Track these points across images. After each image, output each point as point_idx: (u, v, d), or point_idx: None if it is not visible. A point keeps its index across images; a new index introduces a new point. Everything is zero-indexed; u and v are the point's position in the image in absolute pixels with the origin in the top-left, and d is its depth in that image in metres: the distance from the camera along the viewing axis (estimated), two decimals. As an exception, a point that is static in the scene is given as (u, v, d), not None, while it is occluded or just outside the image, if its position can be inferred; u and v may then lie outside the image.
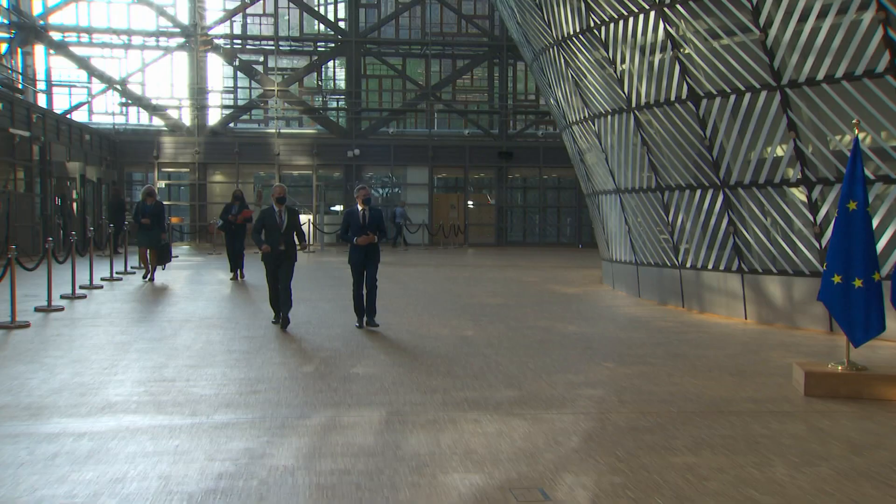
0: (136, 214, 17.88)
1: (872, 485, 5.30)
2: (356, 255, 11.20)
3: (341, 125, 37.33)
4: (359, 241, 11.05)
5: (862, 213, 7.98)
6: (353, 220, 11.15)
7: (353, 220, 11.16)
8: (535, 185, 38.43)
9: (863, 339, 8.03)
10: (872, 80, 10.57)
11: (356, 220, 11.13)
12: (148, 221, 17.49)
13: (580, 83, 16.28)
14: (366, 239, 11.06)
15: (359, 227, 11.12)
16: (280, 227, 11.10)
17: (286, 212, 11.19)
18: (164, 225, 18.11)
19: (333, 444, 6.11)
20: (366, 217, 11.14)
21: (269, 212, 11.16)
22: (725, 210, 13.09)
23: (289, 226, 11.19)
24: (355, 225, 11.14)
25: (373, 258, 11.28)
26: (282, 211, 11.17)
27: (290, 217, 11.21)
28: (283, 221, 11.13)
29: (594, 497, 5.02)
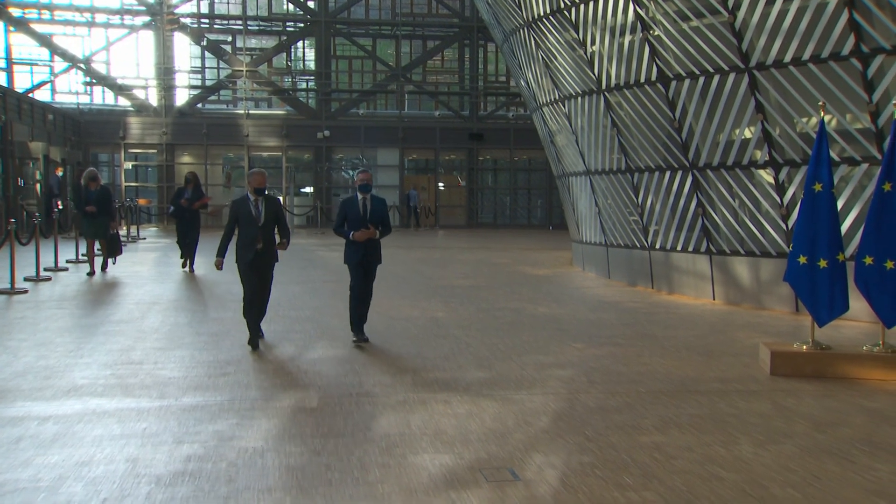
0: (78, 201, 15.83)
1: (834, 461, 5.39)
2: (354, 254, 9.00)
3: (311, 106, 37.03)
4: (356, 236, 8.87)
5: (827, 195, 8.07)
6: (352, 210, 8.99)
7: (350, 211, 9.00)
8: (506, 166, 38.44)
9: (827, 318, 8.15)
10: (838, 62, 10.67)
11: (355, 211, 8.97)
12: (94, 209, 15.19)
13: (550, 64, 16.28)
14: (365, 233, 8.87)
15: (358, 220, 8.93)
16: (257, 220, 8.75)
17: (264, 201, 8.84)
18: (112, 212, 15.80)
19: (303, 425, 6.09)
20: (367, 207, 8.96)
21: (242, 202, 8.82)
22: (694, 192, 13.19)
23: (268, 219, 8.83)
24: (354, 216, 8.96)
25: (373, 258, 9.10)
26: (258, 201, 8.80)
27: (270, 208, 8.86)
28: (261, 213, 8.76)
29: (563, 476, 5.05)
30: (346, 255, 9.15)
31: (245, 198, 8.88)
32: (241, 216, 8.80)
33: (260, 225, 8.76)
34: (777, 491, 4.83)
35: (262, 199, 8.82)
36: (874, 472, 5.16)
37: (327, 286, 14.19)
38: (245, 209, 8.80)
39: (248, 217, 8.76)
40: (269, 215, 8.83)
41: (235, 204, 8.88)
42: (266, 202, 8.85)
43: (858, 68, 10.50)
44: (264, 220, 8.80)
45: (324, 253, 21.39)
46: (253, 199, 8.81)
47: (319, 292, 13.41)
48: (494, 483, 4.92)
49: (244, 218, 8.78)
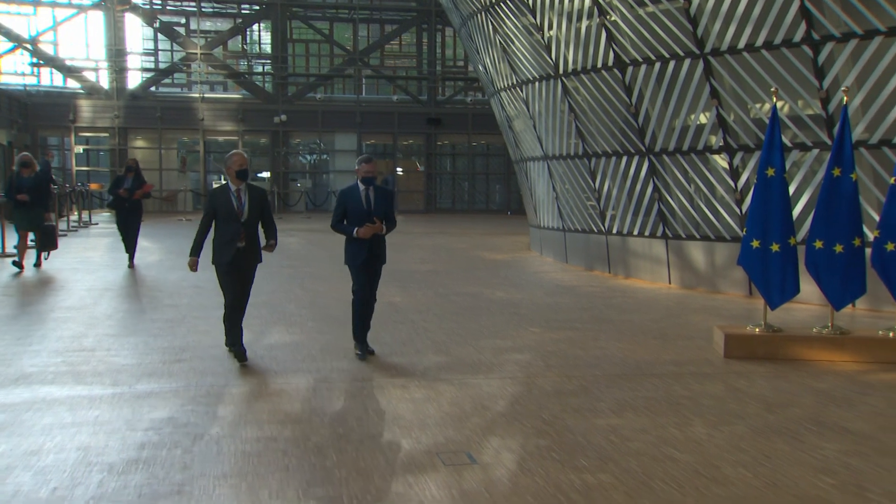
0: (8, 189, 14.07)
1: (784, 440, 5.49)
2: (358, 253, 7.73)
3: (267, 90, 36.62)
4: (360, 233, 7.58)
5: (779, 180, 8.20)
6: (353, 202, 7.72)
7: (352, 204, 7.72)
8: (464, 151, 38.44)
9: (779, 301, 8.30)
10: (790, 49, 10.82)
11: (357, 204, 7.70)
12: (26, 198, 13.45)
13: (508, 49, 16.27)
14: (371, 229, 7.59)
15: (361, 214, 7.68)
16: (239, 214, 7.33)
17: (247, 191, 7.44)
18: (47, 203, 14.29)
19: (259, 411, 6.05)
20: (370, 199, 7.74)
21: (221, 193, 7.40)
22: (650, 177, 13.31)
23: (252, 214, 7.43)
24: (356, 210, 7.69)
25: (379, 257, 7.88)
26: (241, 191, 7.41)
27: (255, 200, 7.45)
28: (244, 206, 7.37)
29: (520, 460, 5.08)
30: (347, 256, 7.79)
31: (225, 187, 7.40)
32: (219, 209, 7.33)
33: (243, 220, 7.35)
34: (729, 471, 4.91)
35: (245, 188, 7.44)
36: (821, 451, 5.27)
37: (284, 271, 14.09)
38: (224, 201, 7.33)
39: (228, 210, 7.31)
40: (254, 209, 7.42)
41: (213, 194, 7.45)
42: (250, 193, 7.44)
43: (809, 55, 10.66)
44: (248, 215, 7.38)
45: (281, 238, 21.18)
46: (234, 188, 7.37)
47: (276, 277, 13.31)
48: (452, 467, 4.93)
49: (223, 211, 7.32)
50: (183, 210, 34.10)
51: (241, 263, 7.44)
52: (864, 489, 4.62)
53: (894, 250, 8.05)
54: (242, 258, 7.42)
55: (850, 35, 10.33)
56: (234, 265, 7.39)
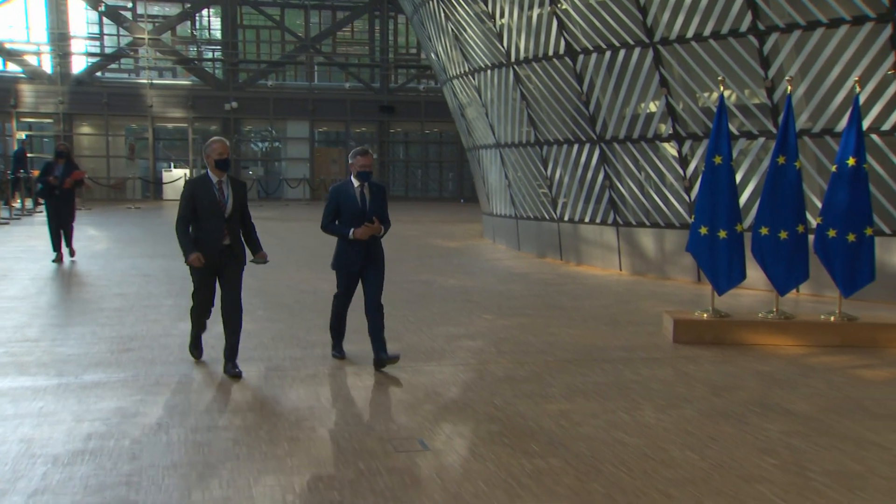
0: None
1: (729, 423, 5.61)
2: (351, 256, 6.97)
3: (218, 77, 36.12)
4: (357, 235, 6.85)
5: (726, 168, 8.34)
6: (347, 201, 6.94)
7: (346, 202, 6.95)
8: (417, 139, 38.40)
9: (726, 287, 8.45)
10: (737, 39, 11.00)
11: (351, 202, 6.93)
12: None
13: (460, 37, 16.27)
14: (368, 230, 6.85)
15: (356, 213, 6.91)
16: (222, 208, 6.60)
17: (229, 184, 6.67)
18: None
19: (210, 400, 6.00)
20: (365, 197, 6.97)
21: (202, 184, 6.62)
22: (601, 164, 13.43)
23: (236, 207, 6.70)
24: (350, 209, 6.92)
25: (376, 261, 7.07)
26: (222, 183, 6.63)
27: (237, 192, 6.73)
28: (227, 200, 6.63)
29: (472, 445, 5.11)
30: (338, 260, 7.05)
31: (205, 178, 6.62)
32: (200, 203, 6.55)
33: (227, 216, 6.61)
34: (676, 453, 4.99)
35: (227, 180, 6.64)
36: (764, 432, 5.40)
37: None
38: (206, 193, 6.55)
39: (210, 204, 6.55)
40: (237, 203, 6.69)
41: (193, 186, 6.63)
42: (233, 186, 6.69)
43: (755, 45, 10.84)
44: (232, 210, 6.64)
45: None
46: (216, 179, 6.58)
47: (227, 266, 13.15)
48: (404, 453, 4.94)
49: (205, 205, 6.54)
50: (131, 198, 33.52)
51: (224, 264, 6.68)
52: (805, 468, 4.74)
53: (836, 237, 8.24)
54: (229, 257, 6.67)
55: (794, 26, 10.53)
56: (215, 266, 6.67)
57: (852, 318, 8.24)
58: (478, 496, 4.29)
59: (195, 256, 6.55)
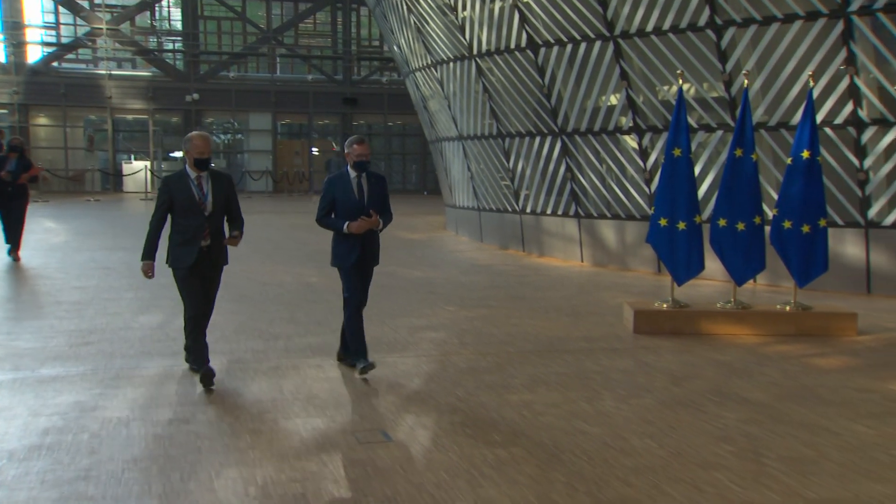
0: None
1: (688, 412, 5.70)
2: (349, 252, 6.52)
3: (179, 68, 35.70)
4: (353, 228, 6.41)
5: (685, 160, 8.45)
6: (344, 192, 6.49)
7: (342, 194, 6.49)
8: (381, 131, 38.30)
9: (685, 278, 8.58)
10: (695, 33, 11.14)
11: (347, 194, 6.48)
12: None
13: (422, 29, 16.26)
14: (366, 223, 6.43)
15: (353, 205, 6.47)
16: (202, 206, 6.13)
17: (209, 179, 6.22)
18: None
19: (171, 393, 5.96)
20: (363, 188, 6.53)
21: (179, 180, 6.16)
22: (563, 157, 13.53)
23: (217, 205, 6.22)
24: (347, 201, 6.49)
25: (373, 256, 6.70)
26: (202, 178, 6.18)
27: (219, 189, 6.25)
28: (207, 197, 6.16)
29: (434, 436, 5.14)
30: (335, 255, 6.62)
31: (182, 174, 6.16)
32: (178, 200, 6.09)
33: (207, 214, 6.14)
34: (636, 442, 5.07)
35: (207, 175, 6.21)
36: (722, 420, 5.50)
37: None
38: (184, 190, 6.09)
39: (188, 202, 6.08)
40: (219, 200, 6.21)
41: (169, 183, 6.17)
42: (213, 180, 6.22)
43: (713, 39, 10.99)
44: (213, 208, 6.17)
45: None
46: (194, 175, 6.13)
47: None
48: (366, 445, 4.96)
49: (183, 203, 6.08)
50: (91, 190, 33.04)
51: (206, 266, 6.21)
52: (760, 455, 4.84)
53: (791, 228, 8.40)
54: (207, 260, 6.19)
55: (751, 21, 10.69)
56: (198, 268, 6.16)
57: (807, 308, 8.41)
58: (440, 486, 4.32)
59: (145, 267, 6.12)
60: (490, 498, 4.16)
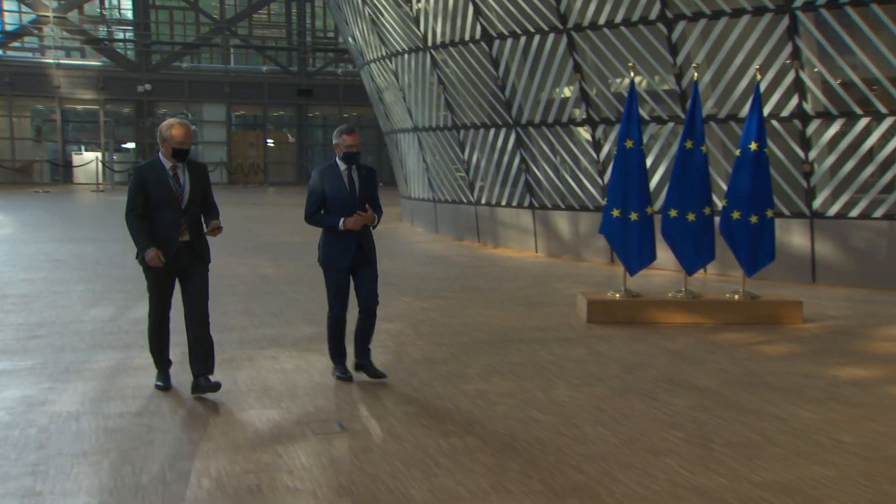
0: None
1: (640, 399, 5.80)
2: (344, 252, 6.03)
3: (130, 58, 35.11)
4: (347, 225, 5.92)
5: (637, 152, 8.56)
6: (333, 186, 6.00)
7: (333, 188, 6.00)
8: (336, 123, 38.07)
9: (637, 268, 8.70)
10: (647, 26, 11.28)
11: (338, 188, 6.00)
12: None
13: (377, 21, 16.21)
14: (362, 219, 5.95)
15: (345, 200, 5.99)
16: (178, 198, 5.60)
17: (186, 170, 5.68)
18: None
19: (124, 386, 5.89)
20: (354, 181, 6.05)
21: (153, 170, 5.62)
22: (517, 148, 13.61)
23: (194, 197, 5.70)
24: (338, 196, 6.00)
25: (369, 254, 6.15)
26: (178, 169, 5.64)
27: (197, 180, 5.73)
28: (185, 188, 5.63)
29: (389, 426, 5.16)
30: (327, 255, 6.09)
31: (156, 163, 5.62)
32: (152, 192, 5.55)
33: (184, 206, 5.62)
34: (589, 430, 5.13)
35: (182, 165, 5.66)
36: (672, 407, 5.60)
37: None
38: (159, 181, 5.56)
39: (163, 194, 5.55)
40: (196, 192, 5.68)
41: (142, 173, 5.62)
42: (190, 171, 5.69)
43: (664, 32, 11.14)
44: (189, 198, 5.64)
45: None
46: (170, 165, 5.61)
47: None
48: (322, 435, 4.96)
49: (157, 195, 5.55)
50: (39, 181, 32.38)
51: (188, 262, 5.67)
52: (709, 440, 4.94)
53: (740, 219, 8.56)
54: (189, 256, 5.66)
55: (700, 15, 10.87)
56: (174, 267, 5.63)
57: (755, 297, 8.59)
58: (395, 476, 4.34)
59: (154, 254, 5.47)
60: (445, 487, 4.19)
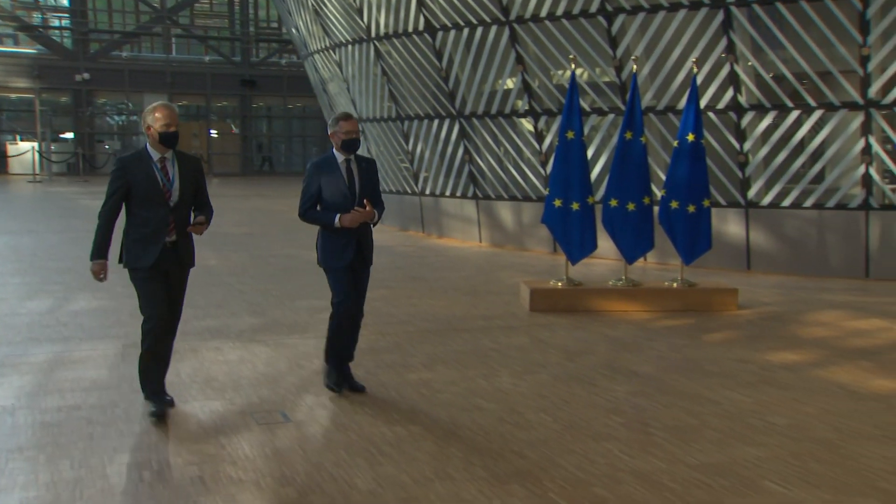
0: None
1: (581, 386, 5.91)
2: (343, 249, 5.57)
3: (67, 46, 34.28)
4: (344, 222, 5.46)
5: (578, 143, 8.69)
6: (330, 180, 5.53)
7: (329, 182, 5.53)
8: (280, 114, 37.79)
9: (579, 257, 8.84)
10: (587, 19, 11.43)
11: (336, 182, 5.52)
12: None
13: (320, 12, 16.10)
14: (359, 216, 5.46)
15: (343, 195, 5.52)
16: (167, 195, 5.04)
17: (176, 161, 5.14)
18: None
19: (61, 380, 5.81)
20: (353, 174, 5.56)
21: (137, 162, 5.06)
22: (461, 139, 13.68)
23: (185, 193, 5.13)
24: (335, 190, 5.52)
25: (367, 253, 5.74)
26: (166, 160, 5.09)
27: (188, 173, 5.17)
28: (174, 183, 5.07)
29: (333, 416, 5.19)
30: (325, 254, 5.64)
31: (142, 155, 5.06)
32: (137, 187, 4.99)
33: (173, 204, 5.06)
34: (531, 416, 5.22)
35: (172, 156, 5.11)
36: (612, 393, 5.73)
37: (89, 235, 13.34)
38: (145, 175, 5.00)
39: (150, 189, 4.99)
40: (186, 187, 5.12)
41: (127, 165, 5.03)
42: (180, 164, 5.14)
43: (605, 25, 11.30)
44: (179, 196, 5.08)
45: (86, 201, 20.13)
46: (157, 156, 5.05)
47: (81, 242, 12.65)
48: (265, 426, 4.96)
49: (144, 191, 4.99)
50: (-28, 174, 31.49)
51: (171, 266, 5.15)
52: (647, 425, 5.07)
53: (678, 208, 8.76)
54: (172, 259, 5.14)
55: (639, 8, 11.05)
56: (160, 269, 5.10)
57: (692, 284, 8.80)
58: (339, 465, 4.37)
59: (98, 268, 5.07)
60: (389, 475, 4.23)
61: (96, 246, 5.05)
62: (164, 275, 5.12)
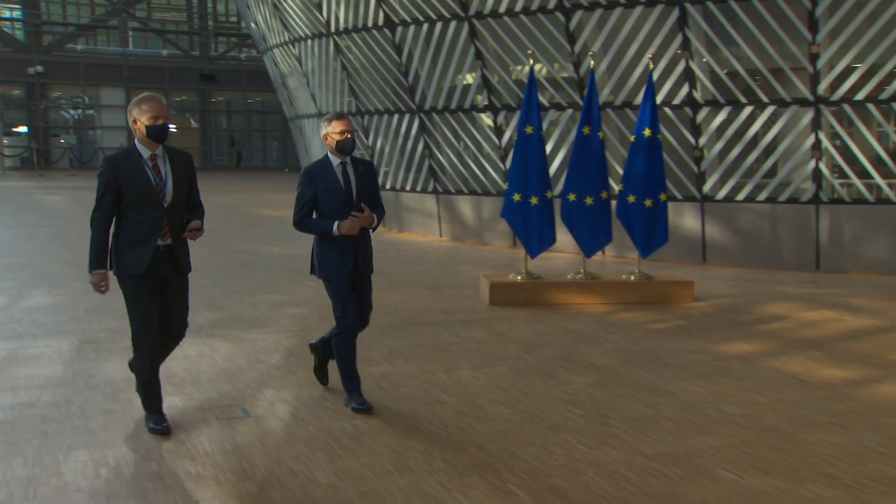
0: None
1: (540, 378, 5.97)
2: (342, 258, 5.22)
3: (19, 39, 33.62)
4: (342, 229, 5.09)
5: (537, 138, 8.75)
6: (327, 185, 5.16)
7: (325, 187, 5.16)
8: (240, 108, 37.47)
9: (538, 250, 8.91)
10: (545, 15, 11.51)
11: (332, 186, 5.16)
12: None
13: (279, 6, 16.01)
14: (357, 221, 5.10)
15: (340, 200, 5.15)
16: (160, 196, 4.62)
17: (167, 158, 4.70)
18: None
19: (15, 377, 5.73)
20: (350, 178, 5.20)
21: (127, 160, 4.62)
22: (421, 134, 13.70)
23: (178, 192, 4.69)
24: (332, 195, 5.16)
25: (367, 261, 5.36)
26: (157, 158, 4.65)
27: (180, 171, 4.73)
28: (166, 182, 4.64)
29: (293, 410, 5.18)
30: (322, 263, 5.29)
31: (131, 153, 4.64)
32: (128, 188, 4.57)
33: (167, 204, 4.65)
34: (491, 409, 5.25)
35: (163, 153, 4.68)
36: (571, 385, 5.79)
37: (44, 231, 13.24)
38: (136, 174, 4.58)
39: (142, 190, 4.57)
40: (180, 186, 4.71)
41: (116, 164, 4.59)
42: (172, 161, 4.71)
43: (563, 21, 11.39)
44: (173, 196, 4.67)
45: (41, 196, 19.82)
46: (148, 154, 4.62)
47: (36, 237, 12.48)
48: (225, 421, 4.94)
49: (135, 191, 4.57)
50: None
51: (168, 273, 4.76)
52: (605, 416, 5.14)
53: (635, 202, 8.87)
54: (168, 264, 4.74)
55: (596, 4, 11.16)
56: (156, 277, 4.71)
57: (649, 277, 8.92)
58: (299, 459, 4.37)
59: (98, 280, 4.69)
60: (348, 468, 4.24)
61: (93, 255, 4.66)
62: (159, 284, 4.72)
